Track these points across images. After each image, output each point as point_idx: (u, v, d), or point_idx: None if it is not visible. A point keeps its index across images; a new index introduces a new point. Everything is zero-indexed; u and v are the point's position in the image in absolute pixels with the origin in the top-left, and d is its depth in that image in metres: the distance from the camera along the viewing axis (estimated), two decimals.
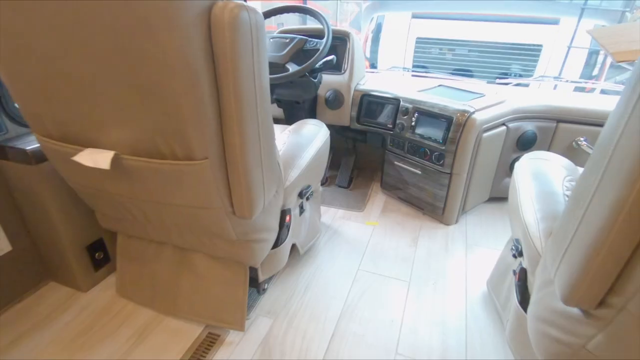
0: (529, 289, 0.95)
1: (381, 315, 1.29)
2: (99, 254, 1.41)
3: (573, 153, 1.80)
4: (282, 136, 1.35)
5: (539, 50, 3.59)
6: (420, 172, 1.81)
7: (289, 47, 1.60)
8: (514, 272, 1.06)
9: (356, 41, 1.92)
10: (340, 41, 1.92)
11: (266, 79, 0.86)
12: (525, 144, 1.79)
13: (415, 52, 4.11)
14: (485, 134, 1.63)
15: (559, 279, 0.71)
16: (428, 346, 1.18)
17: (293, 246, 1.42)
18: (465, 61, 3.95)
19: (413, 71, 3.28)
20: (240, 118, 0.81)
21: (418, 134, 1.74)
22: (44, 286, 1.41)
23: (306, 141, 1.35)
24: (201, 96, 0.75)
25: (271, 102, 1.12)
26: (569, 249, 0.68)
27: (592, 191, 0.62)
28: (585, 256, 0.62)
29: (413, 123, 1.75)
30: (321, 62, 1.58)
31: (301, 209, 1.39)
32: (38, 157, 1.14)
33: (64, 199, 1.24)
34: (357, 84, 1.95)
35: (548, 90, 2.33)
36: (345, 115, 1.94)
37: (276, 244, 1.21)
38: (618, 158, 0.57)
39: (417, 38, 4.07)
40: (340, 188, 2.11)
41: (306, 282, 1.43)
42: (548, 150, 1.83)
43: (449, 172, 1.68)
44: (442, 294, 1.39)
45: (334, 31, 1.85)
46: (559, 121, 1.77)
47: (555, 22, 3.59)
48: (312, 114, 1.96)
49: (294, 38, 1.63)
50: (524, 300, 0.95)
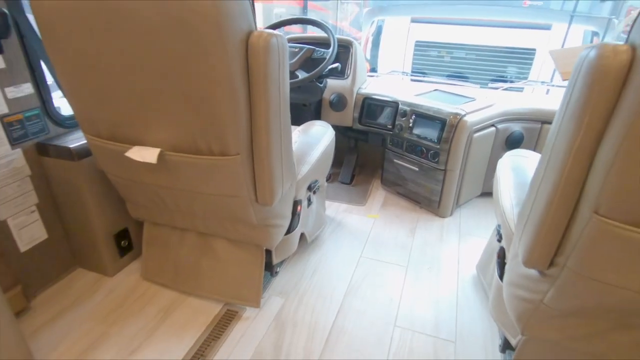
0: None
1: (381, 294, 1.45)
2: (124, 242, 1.56)
3: None
4: (293, 136, 1.50)
5: (533, 53, 3.75)
6: (417, 169, 1.96)
7: (298, 56, 1.76)
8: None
9: (358, 49, 2.07)
10: (343, 49, 2.07)
11: (287, 89, 1.02)
12: (513, 144, 1.95)
13: (414, 55, 4.25)
14: (475, 134, 1.79)
15: (521, 247, 0.87)
16: (423, 319, 1.34)
17: (302, 235, 1.57)
18: (462, 64, 4.10)
19: (411, 75, 3.43)
20: (267, 121, 0.97)
21: (415, 134, 1.90)
22: (72, 272, 1.56)
23: (315, 140, 1.51)
24: (238, 104, 0.91)
25: None
26: (527, 223, 0.85)
27: (541, 178, 0.79)
28: (537, 227, 0.79)
29: (410, 124, 1.91)
30: (327, 70, 1.74)
31: (309, 202, 1.54)
32: (80, 154, 1.30)
33: (98, 192, 1.40)
34: (359, 88, 2.11)
35: (537, 94, 2.49)
36: (348, 116, 2.10)
37: (288, 231, 1.36)
38: (555, 152, 0.74)
39: (416, 41, 4.22)
40: (343, 184, 2.27)
41: (314, 267, 1.59)
42: (534, 149, 1.99)
43: (444, 169, 1.84)
44: (437, 277, 1.55)
45: (338, 39, 2.01)
46: (544, 122, 1.93)
47: (547, 28, 3.75)
48: (318, 116, 2.12)
49: (303, 47, 1.79)
50: (502, 273, 1.12)
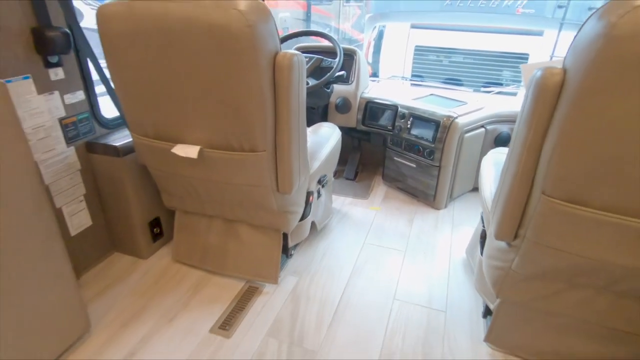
0: None
1: (382, 274, 1.67)
2: (157, 229, 1.78)
3: None
4: None
5: (526, 58, 3.96)
6: (414, 166, 2.18)
7: (308, 65, 1.98)
8: None
9: (362, 57, 2.29)
10: (348, 57, 2.29)
11: (304, 98, 1.24)
12: (501, 143, 2.16)
13: (414, 59, 4.47)
14: (466, 135, 2.01)
15: (493, 224, 1.09)
16: (418, 294, 1.55)
17: (312, 224, 1.79)
18: (459, 67, 4.31)
19: (410, 80, 3.64)
20: (288, 124, 1.19)
21: (413, 135, 2.11)
22: (110, 256, 1.78)
23: (324, 140, 1.73)
24: (266, 110, 1.13)
25: None
26: (497, 205, 1.07)
27: (506, 169, 1.01)
28: (503, 207, 1.01)
29: (408, 125, 2.13)
30: (334, 77, 1.96)
31: (318, 194, 1.76)
32: (124, 152, 1.51)
33: (137, 185, 1.62)
34: (362, 93, 2.33)
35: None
36: (352, 118, 2.32)
37: (302, 217, 1.58)
38: (514, 149, 0.96)
39: (416, 46, 4.43)
40: (347, 180, 2.49)
41: (323, 251, 1.81)
42: None
43: (438, 166, 2.06)
44: (431, 260, 1.76)
45: (344, 49, 2.22)
46: None
47: (539, 34, 3.96)
48: (325, 118, 2.33)
49: (313, 57, 2.00)
50: (483, 251, 1.33)
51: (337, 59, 1.96)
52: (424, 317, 1.45)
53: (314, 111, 2.22)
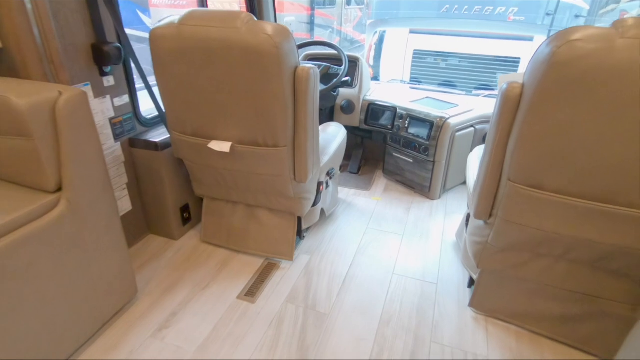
0: None
1: (383, 253, 1.93)
2: (186, 214, 2.04)
3: None
4: None
5: (518, 62, 4.22)
6: (412, 161, 2.44)
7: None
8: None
9: (364, 64, 2.55)
10: (352, 64, 2.55)
11: (318, 103, 1.50)
12: None
13: (413, 62, 4.73)
14: (457, 133, 2.26)
15: (472, 207, 1.35)
16: (414, 269, 1.81)
17: (321, 211, 2.05)
18: (455, 70, 4.56)
19: (408, 83, 3.89)
20: (305, 124, 1.45)
21: (410, 133, 2.37)
22: (146, 237, 2.03)
23: (332, 138, 1.98)
24: (287, 113, 1.39)
25: None
26: (475, 190, 1.33)
27: (482, 159, 1.27)
28: (480, 192, 1.27)
29: (406, 125, 2.38)
30: (340, 82, 2.22)
31: (327, 185, 2.02)
32: (162, 147, 1.77)
33: (172, 175, 1.87)
34: (365, 95, 2.58)
35: None
36: (355, 118, 2.58)
37: (314, 204, 1.84)
38: (488, 145, 1.22)
39: (415, 50, 4.69)
40: (351, 174, 2.75)
41: (331, 234, 2.07)
42: None
43: (432, 161, 2.31)
44: (425, 242, 2.02)
45: (348, 56, 2.48)
46: None
47: (530, 39, 4.22)
48: (331, 118, 2.59)
49: (321, 65, 2.26)
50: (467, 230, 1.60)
51: (343, 67, 2.22)
52: (419, 288, 1.71)
53: (322, 112, 2.48)
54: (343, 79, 2.23)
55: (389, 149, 2.56)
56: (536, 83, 1.04)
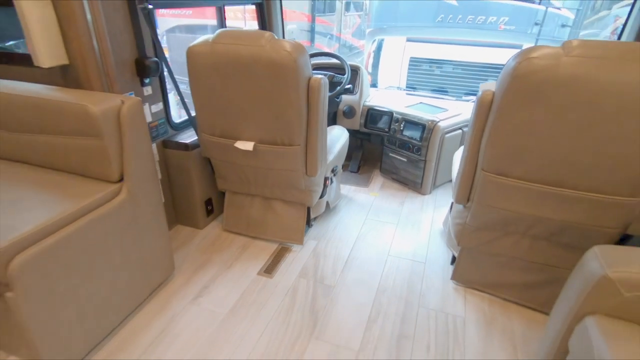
0: None
1: (380, 239, 2.23)
2: (209, 207, 2.34)
3: None
4: None
5: None
6: (406, 160, 2.74)
7: None
8: None
9: (364, 73, 2.86)
10: (353, 72, 2.86)
11: (327, 108, 1.80)
12: None
13: (409, 68, 5.04)
14: (446, 135, 2.57)
15: (454, 193, 1.66)
16: (406, 251, 2.12)
17: (327, 204, 2.35)
18: (449, 76, 4.86)
19: (404, 90, 4.19)
20: (316, 127, 1.75)
21: (405, 135, 2.68)
22: (174, 227, 2.33)
23: (336, 139, 2.29)
24: (301, 117, 1.70)
25: None
26: (457, 178, 1.63)
27: (462, 154, 1.57)
28: (460, 180, 1.58)
29: (401, 128, 2.69)
30: (343, 90, 2.53)
31: (331, 180, 2.32)
32: (192, 147, 2.07)
33: (199, 172, 2.17)
34: (365, 101, 2.89)
35: None
36: (356, 122, 2.88)
37: (321, 196, 2.15)
38: (467, 141, 1.53)
39: (411, 57, 5.00)
40: (352, 172, 3.05)
41: (335, 223, 2.37)
42: None
43: (424, 160, 2.62)
44: (417, 230, 2.33)
45: (350, 66, 2.79)
46: None
47: (519, 47, 4.52)
48: (334, 122, 2.90)
49: (326, 74, 2.57)
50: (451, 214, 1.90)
51: (346, 76, 2.53)
52: (409, 266, 2.02)
53: (327, 116, 2.78)
54: (346, 87, 2.54)
55: (386, 150, 2.87)
56: (503, 91, 1.34)
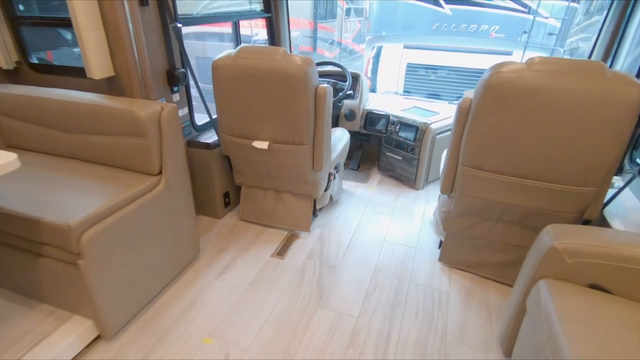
0: None
1: (377, 228, 2.54)
2: (227, 199, 2.65)
3: None
4: None
5: None
6: (401, 159, 3.05)
7: None
8: None
9: (364, 80, 3.17)
10: (353, 79, 3.16)
11: (331, 111, 2.11)
12: None
13: (406, 74, 5.35)
14: (437, 136, 2.88)
15: (440, 185, 1.96)
16: (400, 238, 2.42)
17: (330, 197, 2.66)
18: (443, 81, 5.17)
19: (400, 94, 4.51)
20: (322, 128, 2.06)
21: (400, 136, 2.98)
22: (196, 217, 2.63)
23: (339, 139, 2.60)
24: (310, 120, 2.01)
25: None
26: (442, 173, 1.94)
27: (446, 152, 1.88)
28: (445, 173, 1.88)
29: (397, 130, 2.99)
30: (345, 96, 2.83)
31: (334, 176, 2.63)
32: (212, 146, 2.37)
33: (219, 168, 2.47)
34: (364, 105, 3.20)
35: None
36: (356, 124, 3.19)
37: (325, 189, 2.45)
38: (451, 139, 1.83)
39: (408, 63, 5.31)
40: (352, 170, 3.36)
41: (337, 214, 2.68)
42: None
43: (417, 158, 2.93)
44: (410, 220, 2.63)
45: (351, 73, 3.09)
46: None
47: (509, 54, 4.85)
48: (337, 124, 3.21)
49: (330, 81, 2.88)
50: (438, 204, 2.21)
51: (347, 83, 2.84)
52: (403, 250, 2.32)
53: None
54: (347, 92, 2.85)
55: (383, 150, 3.18)
56: (478, 99, 1.64)
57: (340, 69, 3.00)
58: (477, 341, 1.74)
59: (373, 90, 5.29)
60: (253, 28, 5.77)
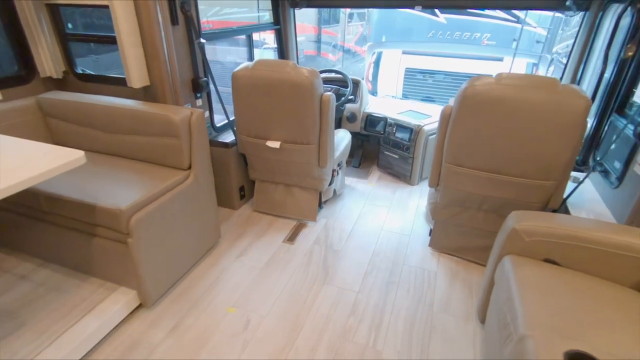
0: None
1: (375, 218, 2.85)
2: (242, 192, 2.97)
3: None
4: None
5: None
6: (398, 157, 3.36)
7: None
8: None
9: (364, 85, 3.48)
10: (355, 85, 3.48)
11: (334, 115, 2.42)
12: None
13: (405, 78, 5.66)
14: (430, 137, 3.19)
15: (429, 179, 2.28)
16: (395, 227, 2.74)
17: (334, 191, 2.98)
18: (439, 85, 5.48)
19: (397, 98, 4.81)
20: (327, 130, 2.38)
21: (397, 137, 3.30)
22: None
23: (341, 139, 2.92)
24: (316, 124, 2.33)
25: None
26: (430, 169, 2.26)
27: (433, 151, 2.19)
28: (432, 170, 2.20)
29: (394, 131, 3.31)
30: (347, 100, 3.15)
31: (337, 172, 2.94)
32: (230, 145, 2.69)
33: (235, 165, 2.79)
34: (364, 109, 3.52)
35: None
36: (357, 126, 3.51)
37: (330, 184, 2.77)
38: (436, 139, 2.15)
39: (406, 68, 5.63)
40: (354, 167, 3.67)
41: (340, 206, 2.99)
42: None
43: (412, 157, 3.24)
44: (405, 212, 2.95)
45: (352, 79, 3.40)
46: None
47: (500, 59, 5.16)
48: (339, 125, 3.53)
49: (333, 87, 3.20)
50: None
51: (349, 89, 3.16)
52: (398, 238, 2.64)
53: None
54: (349, 97, 3.17)
55: (382, 149, 3.49)
56: (457, 106, 1.96)
57: (343, 76, 3.32)
58: (459, 312, 2.05)
59: (374, 93, 5.60)
60: (261, 34, 6.09)
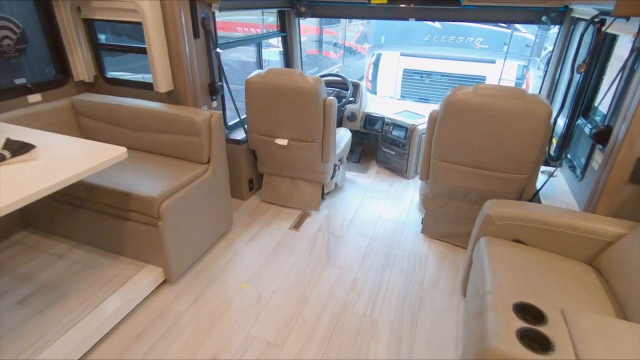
0: None
1: (374, 209, 3.14)
2: (251, 185, 3.25)
3: None
4: None
5: (484, 79, 5.42)
6: (394, 154, 3.65)
7: (333, 94, 3.45)
8: None
9: (363, 87, 3.77)
10: (355, 87, 3.76)
11: (336, 115, 2.71)
12: None
13: (403, 79, 5.93)
14: (423, 135, 3.47)
15: (420, 173, 2.57)
16: (391, 216, 3.03)
17: (335, 184, 3.27)
18: (436, 85, 5.74)
19: (396, 99, 5.09)
20: (329, 130, 2.67)
21: (393, 135, 3.58)
22: None
23: (342, 137, 3.20)
24: (320, 124, 2.62)
25: None
26: (420, 165, 2.54)
27: (424, 149, 2.49)
28: (422, 165, 2.49)
29: (391, 129, 3.59)
30: (347, 102, 3.44)
31: (339, 167, 3.23)
32: (241, 142, 2.97)
33: (245, 160, 3.08)
34: (363, 109, 3.80)
35: None
36: (357, 125, 3.79)
37: (332, 177, 3.06)
38: (425, 138, 2.44)
39: (404, 69, 5.89)
40: (354, 163, 3.96)
41: (342, 198, 3.28)
42: None
43: (407, 153, 3.52)
44: (400, 203, 3.24)
45: (352, 82, 3.68)
46: None
47: (492, 62, 5.42)
48: (340, 125, 3.81)
49: (334, 90, 3.49)
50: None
51: (349, 92, 3.44)
52: (393, 226, 2.93)
53: None
54: (349, 99, 3.46)
55: (380, 146, 3.78)
56: (441, 111, 2.24)
57: (343, 79, 3.60)
58: (446, 288, 2.34)
59: (374, 92, 5.88)
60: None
